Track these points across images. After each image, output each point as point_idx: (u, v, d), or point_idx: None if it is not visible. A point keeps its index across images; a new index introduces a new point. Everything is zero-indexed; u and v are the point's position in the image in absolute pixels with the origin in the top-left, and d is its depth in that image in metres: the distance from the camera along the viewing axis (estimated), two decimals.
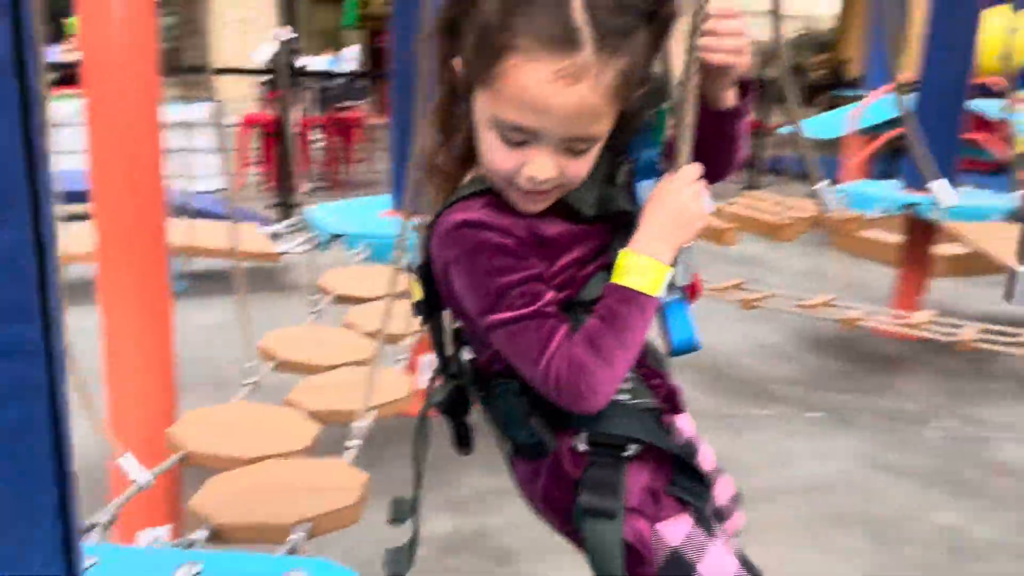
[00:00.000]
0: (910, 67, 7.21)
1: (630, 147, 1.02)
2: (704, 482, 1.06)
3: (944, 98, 4.33)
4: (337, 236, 2.96)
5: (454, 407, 1.12)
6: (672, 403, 1.10)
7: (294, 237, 3.53)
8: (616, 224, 1.01)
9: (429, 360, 1.16)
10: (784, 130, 8.33)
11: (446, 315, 1.07)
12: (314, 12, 20.57)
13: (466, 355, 1.10)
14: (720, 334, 4.24)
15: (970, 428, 3.37)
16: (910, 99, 4.58)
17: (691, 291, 1.03)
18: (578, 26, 0.86)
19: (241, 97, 8.21)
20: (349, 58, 16.44)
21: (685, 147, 0.99)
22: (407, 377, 1.96)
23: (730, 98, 1.02)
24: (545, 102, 0.88)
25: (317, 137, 8.92)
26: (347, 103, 10.55)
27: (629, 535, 1.00)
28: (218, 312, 4.35)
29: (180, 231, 3.01)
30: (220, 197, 5.32)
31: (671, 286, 0.99)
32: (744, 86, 1.02)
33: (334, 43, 19.08)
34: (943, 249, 5.34)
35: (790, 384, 3.74)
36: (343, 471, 1.52)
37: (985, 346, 2.37)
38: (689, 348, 1.01)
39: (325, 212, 3.25)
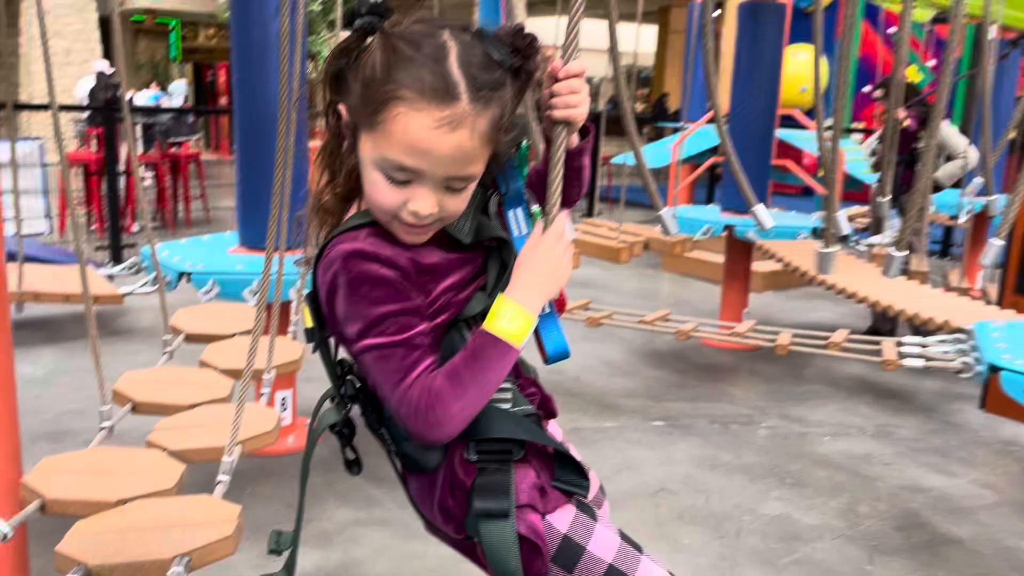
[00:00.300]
0: (723, 101, 7.80)
1: (498, 179, 1.13)
2: (583, 473, 1.18)
3: (753, 128, 4.77)
4: (184, 275, 2.90)
5: (344, 430, 1.18)
6: (547, 409, 1.21)
7: (135, 278, 3.41)
8: (489, 249, 1.11)
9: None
10: (617, 160, 8.81)
11: (333, 341, 1.14)
12: (137, 45, 19.70)
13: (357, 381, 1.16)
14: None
15: (792, 426, 3.71)
16: (725, 130, 5.01)
17: (559, 305, 1.15)
18: (456, 80, 0.97)
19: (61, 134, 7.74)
20: (176, 93, 15.84)
21: (556, 199, 1.11)
22: (270, 411, 1.97)
23: (574, 140, 1.16)
24: (428, 146, 0.97)
25: (146, 175, 8.54)
26: (177, 139, 10.17)
27: (523, 529, 1.09)
28: (47, 362, 4.11)
29: (10, 278, 2.85)
30: (47, 241, 5.02)
31: None
32: (585, 129, 1.16)
33: (159, 77, 18.33)
34: (760, 266, 5.85)
35: (633, 397, 3.98)
36: (215, 505, 1.52)
37: (798, 348, 2.65)
38: (562, 355, 1.11)
39: (171, 251, 3.17)
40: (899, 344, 2.55)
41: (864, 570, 2.58)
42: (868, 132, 7.72)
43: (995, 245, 2.02)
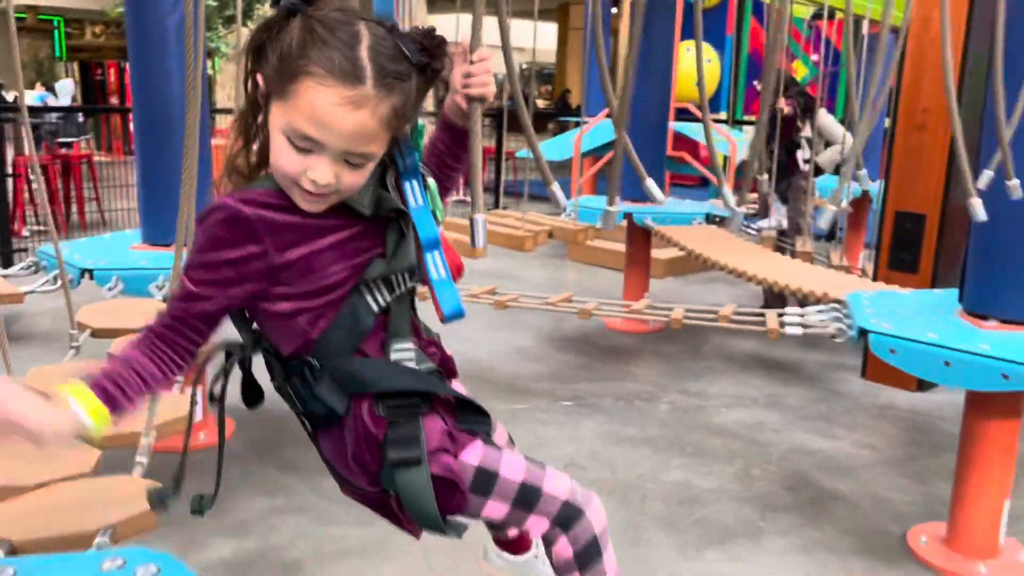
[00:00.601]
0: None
1: (395, 155, 1.23)
2: (484, 413, 1.30)
3: (648, 121, 4.98)
4: (87, 271, 2.87)
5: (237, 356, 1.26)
6: (447, 368, 1.31)
7: (34, 278, 3.34)
8: (388, 220, 1.20)
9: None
10: (521, 154, 8.98)
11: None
12: (20, 43, 18.74)
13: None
14: (478, 343, 4.56)
15: (691, 400, 3.93)
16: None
17: (456, 270, 1.25)
18: (364, 65, 1.06)
19: None
20: (63, 92, 15.17)
21: (477, 170, 1.26)
22: (184, 398, 2.01)
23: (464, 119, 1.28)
24: (331, 120, 1.06)
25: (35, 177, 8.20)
26: (66, 139, 9.79)
27: (439, 471, 1.20)
28: None
29: None
30: None
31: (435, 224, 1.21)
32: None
33: (44, 77, 17.50)
34: (660, 253, 6.09)
35: (542, 380, 4.12)
36: (134, 483, 1.56)
37: (691, 322, 2.83)
38: (457, 315, 1.21)
39: (72, 249, 3.12)
40: (781, 315, 2.75)
41: (757, 526, 2.78)
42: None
43: (829, 211, 2.23)
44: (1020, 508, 2.91)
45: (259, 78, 1.13)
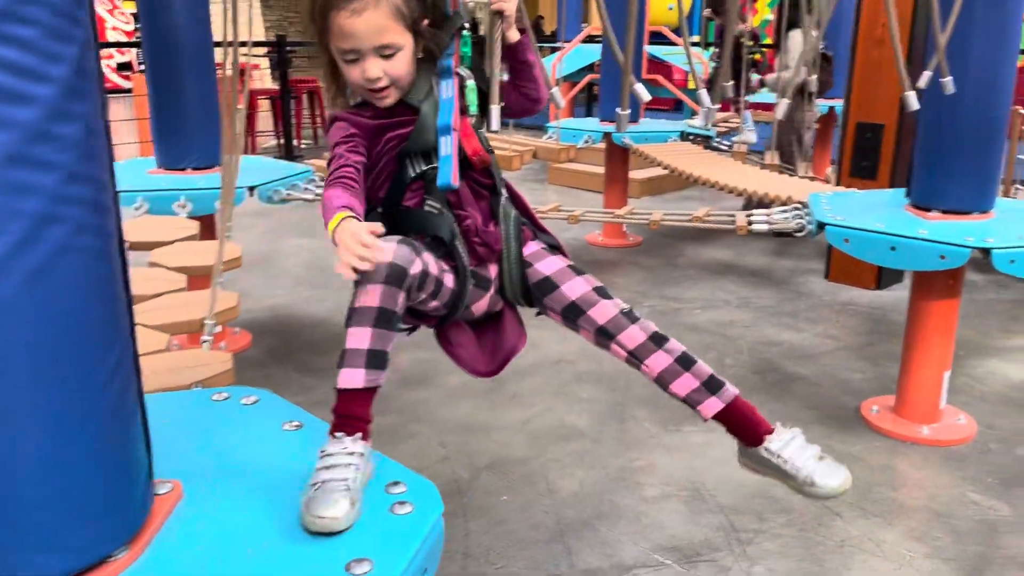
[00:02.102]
0: (595, 21, 8.19)
1: (438, 63, 1.53)
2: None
3: (623, 46, 5.18)
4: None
5: None
6: (474, 233, 1.57)
7: None
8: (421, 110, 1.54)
9: None
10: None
11: None
12: None
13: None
14: None
15: (669, 304, 4.26)
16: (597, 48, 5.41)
17: (473, 154, 1.52)
18: None
19: None
20: None
21: (495, 86, 1.52)
22: (230, 295, 2.29)
23: (514, 34, 1.54)
24: (351, 29, 1.42)
25: None
26: None
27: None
28: None
29: None
30: None
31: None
32: (522, 30, 1.56)
33: None
34: (637, 174, 6.37)
35: None
36: (207, 355, 1.84)
37: (668, 222, 3.12)
38: (447, 186, 1.47)
39: None
40: (748, 215, 3.05)
41: None
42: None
43: (781, 103, 2.53)
44: (959, 382, 3.30)
45: (324, 39, 1.47)
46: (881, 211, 2.90)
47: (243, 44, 2.28)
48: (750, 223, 2.97)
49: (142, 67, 3.98)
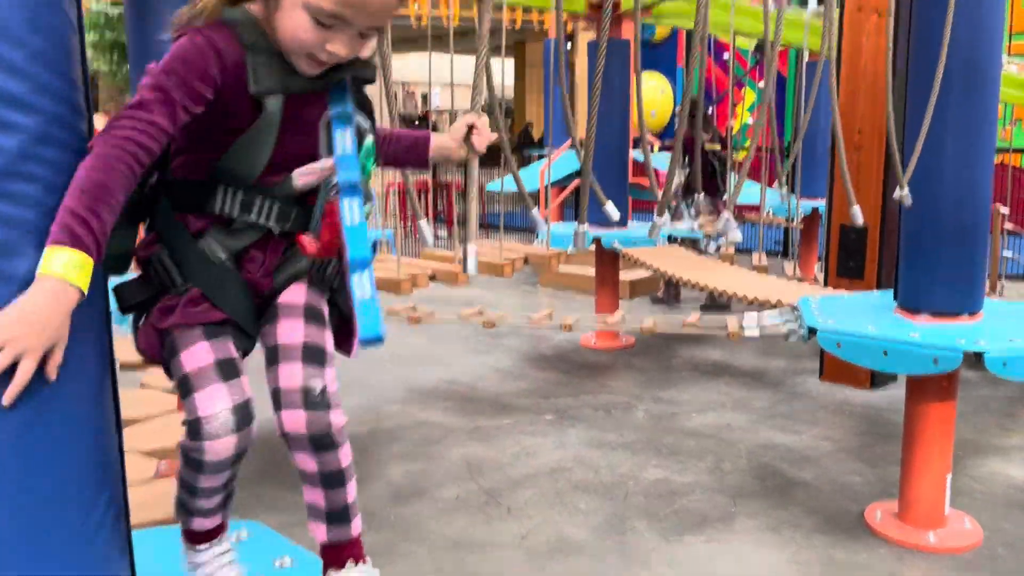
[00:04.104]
0: (581, 126, 8.38)
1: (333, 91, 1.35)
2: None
3: (609, 152, 5.32)
4: None
5: None
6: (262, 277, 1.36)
7: None
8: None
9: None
10: (491, 187, 9.31)
11: None
12: None
13: None
14: (462, 365, 4.85)
15: (664, 407, 4.23)
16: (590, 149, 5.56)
17: (327, 248, 1.32)
18: None
19: None
20: None
21: (473, 219, 1.53)
22: None
23: (429, 152, 1.54)
24: (363, 1, 1.20)
25: None
26: None
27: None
28: None
29: None
30: None
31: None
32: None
33: None
34: (628, 275, 6.43)
35: (524, 396, 4.40)
36: None
37: (662, 330, 3.13)
38: (374, 340, 1.17)
39: None
40: (741, 320, 3.07)
41: (730, 512, 3.07)
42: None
43: (724, 218, 2.59)
44: (961, 483, 3.25)
45: None
46: (871, 314, 2.92)
47: None
48: (742, 328, 2.98)
49: None
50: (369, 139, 1.34)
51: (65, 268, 0.95)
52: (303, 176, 1.32)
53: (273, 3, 1.24)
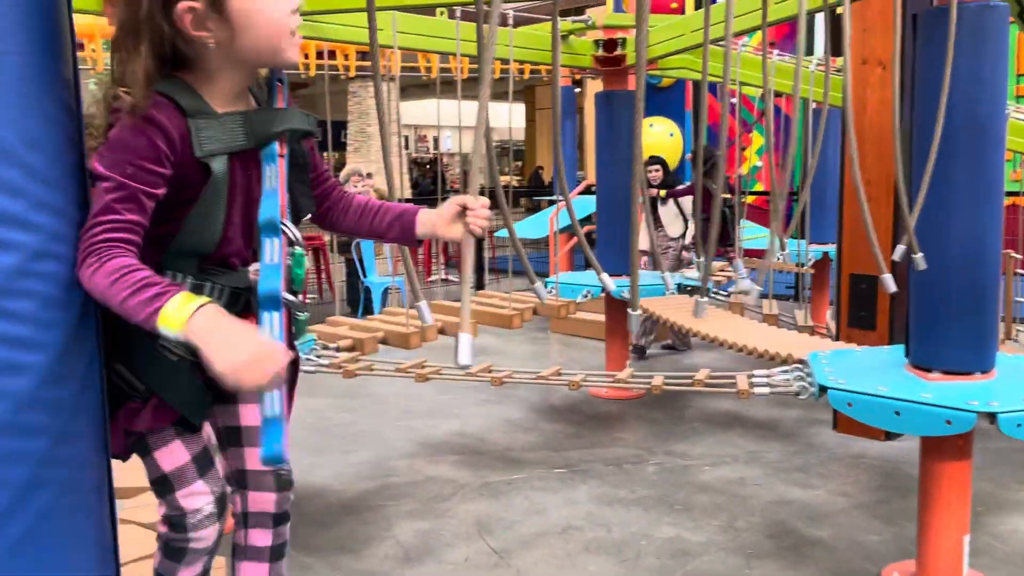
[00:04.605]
0: (590, 172, 8.47)
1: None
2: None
3: (618, 198, 5.33)
4: None
5: None
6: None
7: None
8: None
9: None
10: (499, 234, 9.37)
11: None
12: None
13: None
14: (472, 417, 4.82)
15: (676, 460, 4.18)
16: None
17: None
18: None
19: None
20: None
21: (467, 304, 1.46)
22: None
23: (418, 232, 1.56)
24: None
25: None
26: None
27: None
28: None
29: None
30: None
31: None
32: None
33: None
34: None
35: (534, 450, 4.36)
36: None
37: (670, 388, 3.11)
38: (275, 460, 1.15)
39: None
40: (750, 376, 3.04)
41: (744, 573, 3.02)
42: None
43: (741, 276, 2.58)
44: (980, 542, 3.18)
45: None
46: (882, 372, 2.88)
47: None
48: (751, 385, 2.96)
49: None
50: (298, 249, 1.36)
51: (179, 308, 1.09)
52: (255, 273, 1.34)
53: (226, 34, 1.26)
